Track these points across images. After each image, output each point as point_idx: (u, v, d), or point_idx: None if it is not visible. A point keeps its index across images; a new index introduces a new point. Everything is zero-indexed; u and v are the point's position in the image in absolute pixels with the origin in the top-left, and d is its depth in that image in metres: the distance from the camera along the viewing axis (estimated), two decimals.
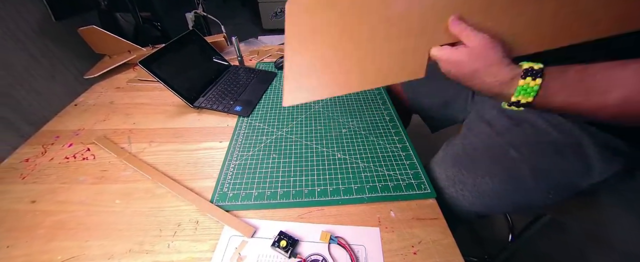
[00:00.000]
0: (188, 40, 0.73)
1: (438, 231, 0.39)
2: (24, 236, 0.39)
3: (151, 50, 0.83)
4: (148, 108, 0.67)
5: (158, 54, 0.63)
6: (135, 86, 0.76)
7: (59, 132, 0.59)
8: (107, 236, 0.39)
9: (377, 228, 0.39)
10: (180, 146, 0.55)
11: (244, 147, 0.54)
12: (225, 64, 0.79)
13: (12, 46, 0.93)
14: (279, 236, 0.37)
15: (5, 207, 0.44)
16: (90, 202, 0.44)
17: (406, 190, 0.44)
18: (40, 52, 1.02)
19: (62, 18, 1.10)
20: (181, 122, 0.62)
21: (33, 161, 0.52)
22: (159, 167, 0.50)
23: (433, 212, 0.42)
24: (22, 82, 0.95)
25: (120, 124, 0.62)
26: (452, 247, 0.37)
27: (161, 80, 0.60)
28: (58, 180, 0.48)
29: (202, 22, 1.28)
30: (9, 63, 0.92)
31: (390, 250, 0.37)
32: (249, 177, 0.48)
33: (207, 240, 0.39)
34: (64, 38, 1.09)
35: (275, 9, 2.44)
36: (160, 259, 0.37)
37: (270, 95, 0.69)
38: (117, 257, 0.37)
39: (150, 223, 0.41)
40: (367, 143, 0.54)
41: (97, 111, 0.66)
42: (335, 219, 0.41)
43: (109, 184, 0.47)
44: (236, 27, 2.68)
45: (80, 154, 0.53)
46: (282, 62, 0.80)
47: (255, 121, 0.61)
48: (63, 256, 0.37)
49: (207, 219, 0.41)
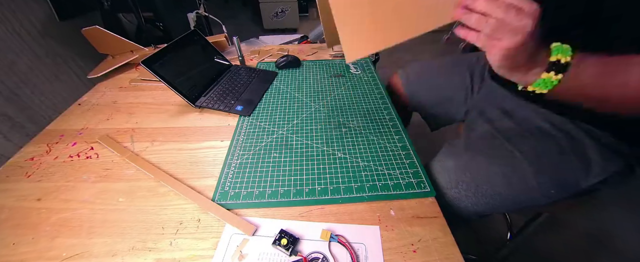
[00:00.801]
0: (190, 40, 0.73)
1: (438, 229, 0.39)
2: (29, 233, 0.40)
3: (153, 50, 0.84)
4: (150, 107, 0.67)
5: (160, 54, 0.63)
6: (138, 86, 0.76)
7: (63, 131, 0.60)
8: (110, 234, 0.40)
9: (377, 226, 0.40)
10: (182, 145, 0.56)
11: (245, 146, 0.54)
12: (226, 64, 0.80)
13: (17, 46, 0.94)
14: (280, 234, 0.38)
15: (10, 204, 0.45)
16: (94, 200, 0.45)
17: (406, 189, 0.45)
18: (44, 52, 1.03)
19: (66, 18, 1.11)
20: (183, 122, 0.62)
21: (38, 159, 0.53)
22: (161, 166, 0.51)
23: (433, 210, 0.42)
24: (27, 81, 0.96)
25: (123, 123, 0.62)
26: (451, 245, 0.37)
27: (163, 80, 0.61)
28: (62, 178, 0.49)
29: (203, 22, 1.29)
30: (14, 63, 0.93)
31: (390, 248, 0.37)
32: (250, 176, 0.48)
33: (209, 238, 0.39)
34: (68, 38, 1.10)
35: (276, 9, 2.44)
36: (162, 256, 0.37)
37: (271, 95, 0.70)
38: (121, 255, 0.37)
39: (152, 221, 0.41)
40: (367, 142, 0.54)
41: (100, 111, 0.67)
42: (335, 218, 0.41)
43: (112, 183, 0.48)
44: (237, 27, 2.69)
45: (84, 153, 0.54)
46: (282, 62, 0.80)
47: (256, 120, 0.61)
48: (67, 252, 0.38)
49: (209, 217, 0.42)
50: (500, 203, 0.48)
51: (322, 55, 0.89)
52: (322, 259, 0.36)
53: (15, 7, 0.93)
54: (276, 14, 2.46)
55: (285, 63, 0.80)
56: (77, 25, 0.90)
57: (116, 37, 0.82)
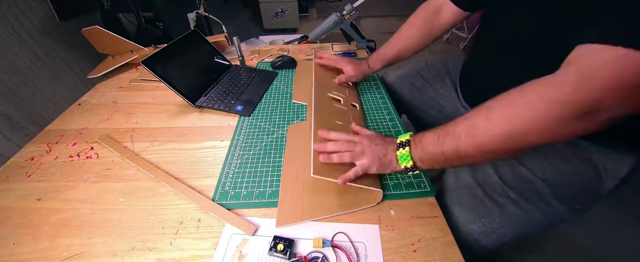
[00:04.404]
0: (190, 40, 0.73)
1: (438, 229, 0.39)
2: (29, 233, 0.40)
3: (153, 50, 0.84)
4: (150, 107, 0.67)
5: (160, 54, 0.63)
6: (138, 86, 0.76)
7: (63, 131, 0.60)
8: (110, 234, 0.40)
9: (377, 226, 0.40)
10: (182, 144, 0.56)
11: (245, 146, 0.54)
12: (226, 64, 0.80)
13: (17, 46, 0.94)
14: (275, 241, 0.37)
15: (11, 204, 0.45)
16: (94, 200, 0.45)
17: (406, 189, 0.45)
18: (44, 52, 1.03)
19: (66, 18, 1.11)
20: (183, 122, 0.62)
21: (38, 159, 0.53)
22: (161, 165, 0.51)
23: (433, 210, 0.42)
24: (27, 81, 0.96)
25: (123, 123, 0.62)
26: (451, 245, 0.37)
27: (163, 80, 0.61)
28: (63, 178, 0.49)
29: (203, 22, 1.29)
30: (14, 63, 0.93)
31: (390, 248, 0.37)
32: (250, 176, 0.48)
33: (209, 238, 0.39)
34: (68, 38, 1.10)
35: (276, 9, 2.44)
36: (162, 256, 0.37)
37: (271, 95, 0.70)
38: (121, 255, 0.37)
39: (153, 221, 0.41)
40: None
41: (100, 110, 0.67)
42: (335, 217, 0.41)
43: (112, 183, 0.48)
44: (237, 27, 2.69)
45: (84, 153, 0.54)
46: (278, 62, 0.80)
47: (257, 120, 0.61)
48: (68, 252, 0.38)
49: (209, 217, 0.42)
50: (530, 227, 0.45)
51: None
52: (322, 258, 0.36)
53: (15, 7, 0.93)
54: (276, 14, 2.46)
55: (281, 63, 0.80)
56: (77, 25, 0.90)
57: (116, 37, 0.82)
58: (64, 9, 1.10)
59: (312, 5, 3.08)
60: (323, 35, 0.83)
